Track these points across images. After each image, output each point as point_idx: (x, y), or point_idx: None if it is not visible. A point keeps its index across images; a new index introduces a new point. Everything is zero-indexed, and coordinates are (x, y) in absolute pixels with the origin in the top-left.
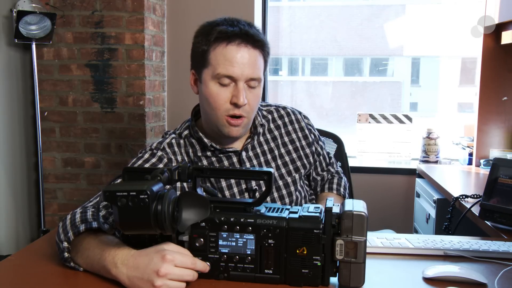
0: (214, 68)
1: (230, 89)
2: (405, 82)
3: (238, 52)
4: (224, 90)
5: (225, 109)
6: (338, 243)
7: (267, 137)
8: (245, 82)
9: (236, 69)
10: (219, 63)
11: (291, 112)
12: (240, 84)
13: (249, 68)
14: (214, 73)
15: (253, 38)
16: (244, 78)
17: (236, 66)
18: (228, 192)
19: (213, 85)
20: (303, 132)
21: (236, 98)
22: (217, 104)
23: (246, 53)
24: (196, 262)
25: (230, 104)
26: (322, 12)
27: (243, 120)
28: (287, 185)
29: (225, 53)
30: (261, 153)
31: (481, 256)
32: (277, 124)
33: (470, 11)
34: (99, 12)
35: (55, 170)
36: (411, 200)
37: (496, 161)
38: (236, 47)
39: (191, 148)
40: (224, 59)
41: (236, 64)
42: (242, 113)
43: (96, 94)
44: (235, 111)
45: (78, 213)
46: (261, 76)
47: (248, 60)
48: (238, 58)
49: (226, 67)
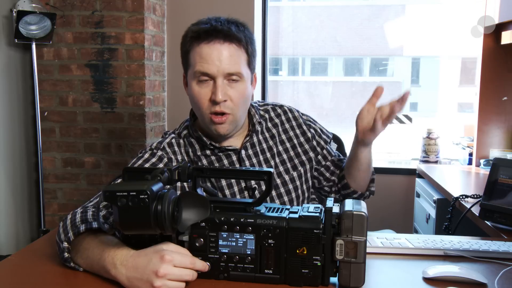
0: (193, 67)
1: (210, 87)
2: (405, 82)
3: (211, 48)
4: (204, 88)
5: (207, 107)
6: (338, 243)
7: (265, 135)
8: (225, 78)
9: (210, 66)
10: (196, 62)
11: (288, 110)
12: (219, 81)
13: (225, 63)
14: (193, 72)
15: (223, 32)
16: (221, 74)
17: (210, 63)
18: (228, 191)
19: (194, 84)
20: (300, 128)
21: (214, 94)
22: (199, 103)
23: (220, 48)
24: (195, 261)
25: (210, 101)
26: (322, 12)
27: (227, 117)
28: (285, 183)
29: (199, 51)
30: (260, 151)
31: (481, 256)
32: (275, 122)
33: (470, 11)
34: (99, 12)
35: (55, 170)
36: (411, 200)
37: (496, 161)
38: (208, 44)
39: (190, 147)
40: (200, 57)
41: (211, 61)
42: (223, 110)
43: (96, 94)
44: (215, 108)
45: (78, 213)
46: (241, 70)
47: (223, 56)
48: (212, 54)
49: (202, 65)
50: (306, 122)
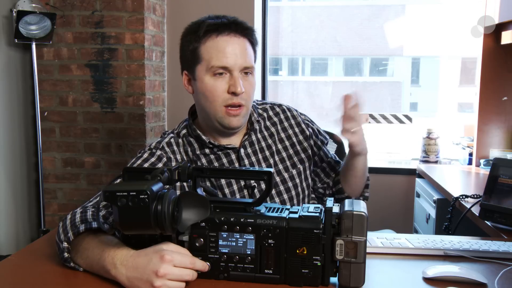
0: (208, 62)
1: (226, 80)
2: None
3: (229, 42)
4: (220, 81)
5: (223, 99)
6: (338, 243)
7: (264, 133)
8: (240, 71)
9: (229, 60)
10: (212, 56)
11: (286, 108)
12: (236, 73)
13: (241, 57)
14: (208, 66)
15: (242, 26)
16: (238, 67)
17: (229, 57)
18: (227, 189)
19: (208, 78)
20: (299, 127)
21: (234, 87)
22: (214, 96)
23: (237, 42)
24: (195, 261)
25: (228, 94)
26: (322, 12)
27: (242, 109)
28: (284, 181)
29: (216, 45)
30: (259, 150)
31: (481, 256)
32: (273, 121)
33: (470, 11)
34: (99, 12)
35: (55, 170)
36: (411, 200)
37: (496, 161)
38: (227, 37)
39: (189, 146)
40: (217, 51)
41: (229, 54)
42: (240, 102)
43: (96, 94)
44: (233, 100)
45: (78, 213)
46: (253, 64)
47: (240, 50)
48: (230, 48)
49: (220, 59)
50: (305, 121)
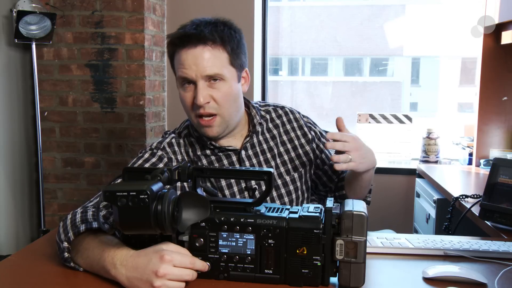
0: (176, 73)
1: (192, 91)
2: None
3: (186, 53)
4: (187, 93)
5: (193, 110)
6: (338, 243)
7: (266, 136)
8: (206, 80)
9: (188, 71)
10: (177, 69)
11: (289, 111)
12: (200, 84)
13: (202, 66)
14: (176, 78)
15: (194, 36)
16: (200, 77)
17: (188, 68)
18: (228, 191)
19: (180, 90)
20: (301, 130)
21: (196, 98)
22: (186, 107)
23: (194, 52)
24: (195, 261)
25: (195, 105)
26: (322, 12)
27: (215, 119)
28: (285, 184)
29: (178, 57)
30: (260, 152)
31: (481, 256)
32: (276, 123)
33: (470, 11)
34: (99, 12)
35: (55, 170)
36: (411, 200)
37: (496, 161)
38: (183, 50)
39: (190, 147)
40: (179, 63)
41: (188, 65)
42: (208, 111)
43: (96, 94)
44: (200, 111)
45: (78, 213)
46: (220, 71)
47: (199, 59)
48: (188, 59)
49: (182, 70)
50: (307, 124)
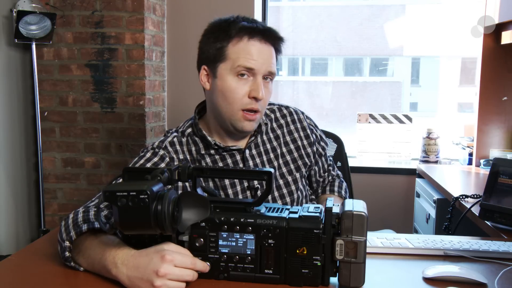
0: (234, 61)
1: (249, 83)
2: (405, 82)
3: (259, 47)
4: (242, 84)
5: (243, 103)
6: (338, 243)
7: (269, 135)
8: (263, 76)
9: (256, 63)
10: (239, 57)
11: (293, 111)
12: (259, 78)
13: (267, 62)
14: (233, 66)
15: (274, 35)
16: (263, 72)
17: (256, 59)
18: (230, 190)
19: (231, 78)
20: (304, 131)
21: (256, 91)
22: (235, 97)
23: (266, 48)
24: (196, 262)
25: (249, 98)
26: (322, 12)
27: (257, 115)
28: (287, 184)
29: (246, 47)
30: (264, 152)
31: (481, 256)
32: (280, 123)
33: (470, 11)
34: (99, 12)
35: (55, 170)
36: (411, 200)
37: (496, 161)
38: (257, 43)
39: (194, 146)
40: (246, 52)
41: (257, 57)
42: (258, 107)
43: (96, 94)
44: (253, 105)
45: (80, 213)
46: (275, 71)
47: (267, 55)
48: (259, 52)
49: (247, 60)
50: (310, 126)
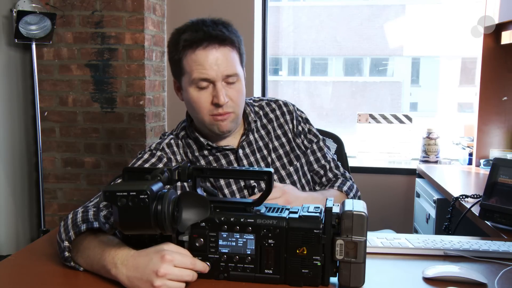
0: (190, 74)
1: (210, 91)
2: (405, 82)
3: (207, 54)
4: (203, 93)
5: (208, 110)
6: (338, 243)
7: (261, 133)
8: (223, 80)
9: (209, 71)
10: (192, 69)
11: (283, 104)
12: (218, 84)
13: (222, 66)
14: (190, 79)
15: (217, 38)
16: (220, 77)
17: (208, 68)
18: (227, 189)
19: (192, 90)
20: (295, 121)
21: (217, 98)
22: (200, 107)
23: (215, 53)
24: (196, 262)
25: (212, 105)
26: (322, 12)
27: (229, 115)
28: (282, 179)
29: (195, 58)
30: (257, 149)
31: (481, 256)
32: (270, 117)
33: (470, 11)
34: (99, 12)
35: (55, 170)
36: (411, 200)
37: (496, 161)
38: (203, 51)
39: (188, 148)
40: (196, 64)
41: (208, 66)
42: (226, 110)
43: (96, 94)
44: (218, 111)
45: (79, 213)
46: (237, 70)
47: (219, 59)
48: (209, 60)
49: (200, 71)
50: (298, 118)
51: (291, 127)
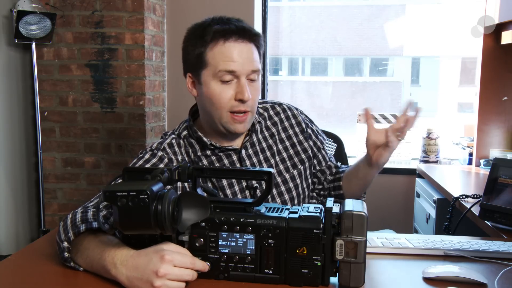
0: (214, 67)
1: (233, 86)
2: (405, 82)
3: (236, 47)
4: (227, 88)
5: (230, 106)
6: (338, 243)
7: (265, 134)
8: (247, 76)
9: (237, 64)
10: (218, 61)
11: (287, 108)
12: (243, 79)
13: (248, 61)
14: (215, 71)
15: (249, 32)
16: (245, 72)
17: (236, 61)
18: (229, 190)
19: (215, 84)
20: (299, 126)
21: (241, 94)
22: (221, 102)
23: (244, 47)
24: (196, 262)
25: (235, 101)
26: (322, 12)
27: (247, 115)
28: (285, 181)
29: (223, 50)
30: (260, 151)
31: (481, 256)
32: (274, 121)
33: (470, 11)
34: (99, 12)
35: (55, 170)
36: (411, 200)
37: (496, 161)
38: (234, 43)
39: (190, 148)
40: (224, 56)
41: (236, 59)
42: (246, 108)
43: (96, 94)
44: (240, 107)
45: (79, 213)
46: (260, 67)
47: (247, 54)
48: (237, 53)
49: (227, 63)
50: (304, 120)
51: (297, 131)
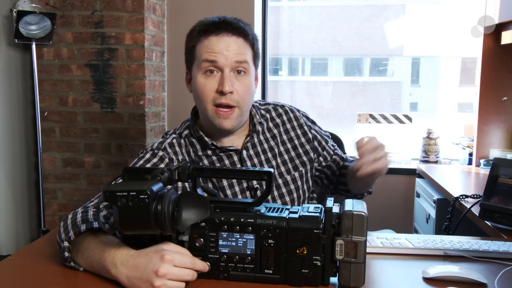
0: (199, 59)
1: (217, 78)
2: (405, 82)
3: (220, 39)
4: (210, 80)
5: (212, 98)
6: (338, 243)
7: (266, 135)
8: (232, 70)
9: (219, 55)
10: (202, 53)
11: (289, 110)
12: (226, 72)
13: (232, 53)
14: (199, 63)
15: (231, 25)
16: (229, 64)
17: (218, 52)
18: (229, 191)
19: (200, 76)
20: (301, 129)
21: (221, 85)
22: (204, 94)
23: (228, 39)
24: (195, 261)
25: (217, 93)
26: (322, 12)
27: (233, 111)
28: (286, 183)
29: (207, 43)
30: (261, 152)
31: (481, 256)
32: (276, 122)
33: (470, 11)
34: (99, 12)
35: (55, 170)
36: (411, 200)
37: (496, 161)
38: (216, 36)
39: (191, 147)
40: (207, 48)
41: (218, 50)
42: (229, 102)
43: (96, 94)
44: (221, 100)
45: (79, 213)
46: (247, 59)
47: (231, 46)
48: (220, 45)
49: (209, 53)
50: (307, 123)
51: (299, 133)
